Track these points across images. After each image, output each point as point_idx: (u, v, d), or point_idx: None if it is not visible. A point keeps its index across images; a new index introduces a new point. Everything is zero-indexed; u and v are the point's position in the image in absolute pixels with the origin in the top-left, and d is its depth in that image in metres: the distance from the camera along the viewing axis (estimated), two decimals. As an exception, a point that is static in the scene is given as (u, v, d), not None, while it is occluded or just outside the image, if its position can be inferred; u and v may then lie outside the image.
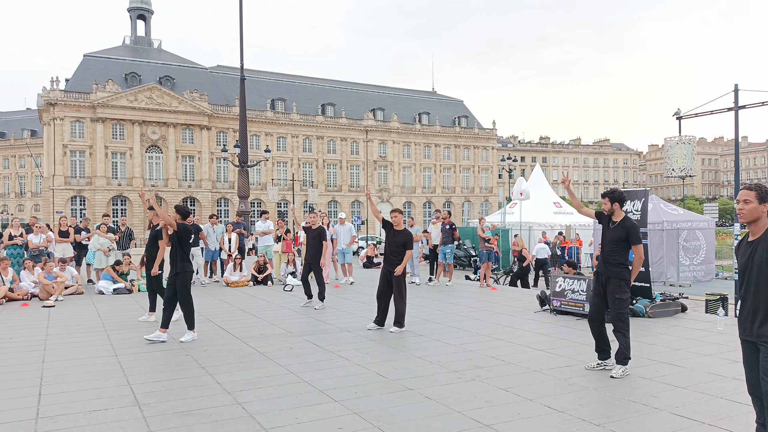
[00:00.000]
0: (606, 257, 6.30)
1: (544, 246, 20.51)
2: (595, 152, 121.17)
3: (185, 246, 8.09)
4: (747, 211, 3.56)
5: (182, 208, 8.31)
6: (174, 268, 8.03)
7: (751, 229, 3.59)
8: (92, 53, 70.99)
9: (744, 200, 3.58)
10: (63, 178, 64.14)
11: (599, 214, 6.56)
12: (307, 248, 11.30)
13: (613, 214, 6.36)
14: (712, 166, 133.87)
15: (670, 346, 7.66)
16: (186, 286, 8.03)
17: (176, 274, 7.99)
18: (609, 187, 19.61)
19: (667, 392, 5.59)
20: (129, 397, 5.41)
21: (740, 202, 3.61)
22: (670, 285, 18.91)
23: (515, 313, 10.58)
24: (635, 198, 10.78)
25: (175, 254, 8.02)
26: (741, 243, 3.69)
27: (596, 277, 6.45)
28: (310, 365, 6.59)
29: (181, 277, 7.98)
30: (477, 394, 5.50)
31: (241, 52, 25.27)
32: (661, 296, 10.52)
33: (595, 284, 6.43)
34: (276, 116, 75.63)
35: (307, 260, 11.19)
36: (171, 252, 8.09)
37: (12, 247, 13.76)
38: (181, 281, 7.99)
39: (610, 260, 6.26)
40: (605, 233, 6.36)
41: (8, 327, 9.16)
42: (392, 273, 8.77)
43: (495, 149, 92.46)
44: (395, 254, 8.78)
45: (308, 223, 11.46)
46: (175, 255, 8.02)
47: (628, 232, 6.19)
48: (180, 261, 8.01)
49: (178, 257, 8.01)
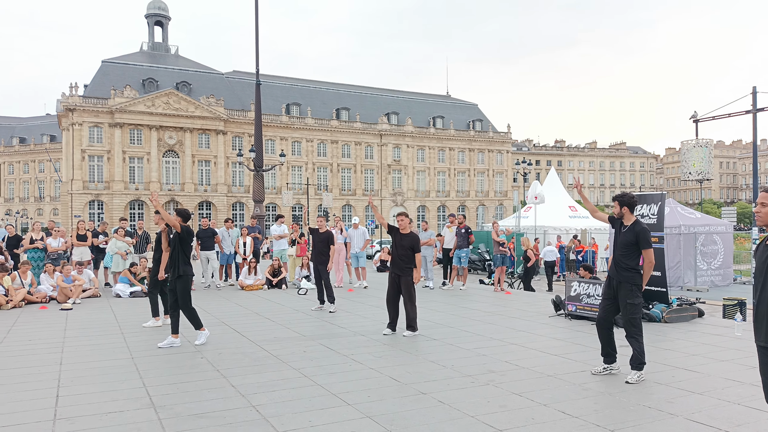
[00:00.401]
0: (617, 261, 6.26)
1: (552, 249, 20.65)
2: (611, 155, 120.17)
3: (186, 249, 8.05)
4: (764, 213, 3.51)
5: (183, 211, 8.31)
6: (175, 271, 7.96)
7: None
8: (110, 59, 71.95)
9: (761, 203, 3.54)
10: (81, 182, 65.00)
11: (612, 218, 6.52)
12: (314, 250, 11.42)
13: (624, 217, 6.32)
14: (730, 169, 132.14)
15: (686, 352, 7.57)
16: (186, 290, 7.95)
17: (177, 277, 7.94)
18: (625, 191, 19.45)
19: (683, 398, 5.53)
20: (144, 399, 5.46)
21: (758, 204, 3.56)
22: (687, 290, 18.69)
23: (529, 317, 10.52)
24: (652, 202, 10.69)
25: (177, 257, 7.96)
26: (759, 246, 3.59)
27: (608, 281, 6.41)
28: (323, 368, 6.61)
29: (182, 281, 7.92)
30: (490, 399, 5.48)
31: (256, 57, 25.46)
32: (678, 301, 10.41)
33: (607, 288, 6.40)
34: (291, 121, 76.04)
35: (315, 262, 11.31)
36: (172, 254, 8.05)
37: (33, 251, 13.97)
38: (182, 285, 7.91)
39: (622, 264, 6.21)
40: (617, 237, 6.34)
41: (27, 329, 9.29)
42: (401, 277, 8.76)
43: (510, 153, 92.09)
44: (403, 258, 8.75)
45: (318, 225, 11.57)
46: (176, 258, 7.95)
47: (638, 236, 6.15)
48: (181, 264, 7.93)
49: (179, 260, 7.94)
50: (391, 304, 8.90)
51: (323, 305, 11.34)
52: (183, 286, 7.93)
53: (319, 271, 11.24)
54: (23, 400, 5.45)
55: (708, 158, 19.93)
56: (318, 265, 11.25)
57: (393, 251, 8.91)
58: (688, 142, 20.70)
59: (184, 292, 7.93)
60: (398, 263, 8.77)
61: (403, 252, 8.75)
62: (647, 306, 10.11)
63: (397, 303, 8.89)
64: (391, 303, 8.90)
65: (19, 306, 11.68)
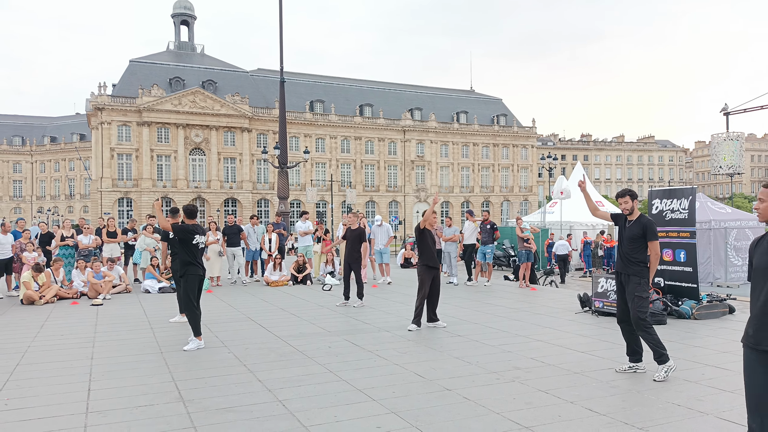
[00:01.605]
0: (625, 256, 6.21)
1: (564, 243, 20.84)
2: (639, 149, 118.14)
3: (187, 248, 7.80)
4: (762, 209, 3.36)
5: (186, 207, 8.15)
6: (180, 270, 7.87)
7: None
8: (138, 59, 73.06)
9: (761, 198, 3.39)
10: (110, 180, 66.23)
11: (615, 215, 6.50)
12: (347, 248, 11.44)
13: (632, 212, 6.30)
14: (762, 162, 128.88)
15: (716, 349, 7.43)
16: (190, 290, 7.73)
17: (181, 277, 7.87)
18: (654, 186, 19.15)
19: (713, 396, 5.43)
20: (174, 393, 5.56)
21: (758, 200, 3.43)
22: (717, 285, 18.32)
23: (555, 314, 10.43)
24: (682, 196, 10.49)
25: (182, 256, 7.84)
26: (760, 242, 3.37)
27: (616, 276, 6.36)
28: (348, 364, 6.65)
29: (185, 280, 7.78)
30: (516, 396, 5.45)
31: (281, 55, 25.61)
32: (708, 297, 10.20)
33: (618, 284, 6.34)
34: (315, 118, 76.37)
35: (347, 260, 11.32)
36: (180, 254, 7.91)
37: (63, 248, 14.29)
38: (185, 284, 7.76)
39: (630, 258, 6.17)
40: (622, 232, 6.30)
41: (59, 325, 9.52)
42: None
43: (535, 147, 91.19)
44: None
45: (346, 224, 11.62)
46: (182, 257, 7.84)
47: (646, 228, 6.11)
48: (184, 264, 7.79)
49: (183, 259, 7.83)
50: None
51: (348, 301, 11.39)
52: (186, 285, 7.77)
53: (351, 267, 11.30)
54: (57, 394, 5.59)
55: (739, 151, 19.48)
56: (350, 262, 11.28)
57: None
58: (718, 135, 20.25)
59: (186, 293, 7.76)
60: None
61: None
62: (676, 302, 9.95)
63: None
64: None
65: (51, 302, 11.97)
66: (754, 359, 3.29)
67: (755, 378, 3.29)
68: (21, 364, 6.78)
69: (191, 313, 7.70)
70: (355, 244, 11.36)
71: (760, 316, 3.26)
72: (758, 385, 3.27)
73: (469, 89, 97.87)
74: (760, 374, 3.26)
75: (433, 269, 9.12)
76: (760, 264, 3.31)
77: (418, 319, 8.88)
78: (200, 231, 8.04)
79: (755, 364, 3.29)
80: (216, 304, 11.57)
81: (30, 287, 11.87)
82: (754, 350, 3.29)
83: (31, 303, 11.69)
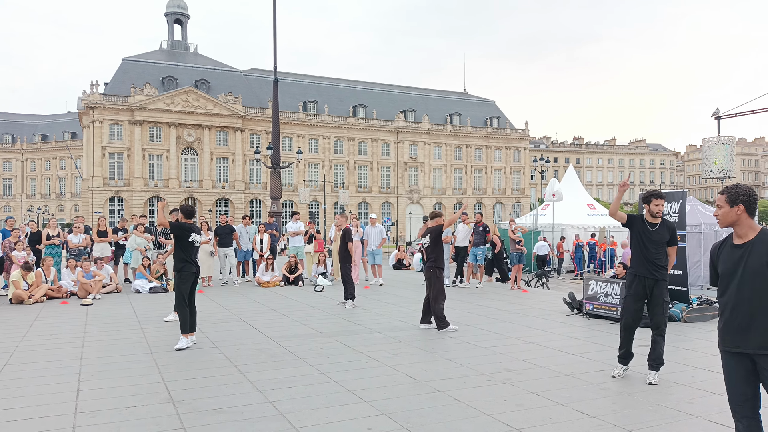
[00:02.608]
0: (652, 261, 6.07)
1: (544, 243, 21.23)
2: (630, 153, 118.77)
3: (182, 245, 7.83)
4: (720, 215, 3.45)
5: (185, 207, 8.19)
6: (175, 266, 7.91)
7: (736, 231, 3.42)
8: (130, 57, 72.74)
9: (718, 205, 3.49)
10: (102, 179, 65.86)
11: (631, 217, 6.35)
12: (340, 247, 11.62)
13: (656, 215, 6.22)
14: (753, 167, 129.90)
15: (706, 352, 7.48)
16: (181, 287, 7.77)
17: (175, 273, 7.92)
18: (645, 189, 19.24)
19: (703, 398, 5.46)
20: (163, 394, 5.53)
21: (717, 206, 3.52)
22: (707, 289, 18.43)
23: (547, 316, 10.45)
24: (673, 200, 10.55)
25: (178, 254, 7.88)
26: (722, 246, 3.47)
27: (640, 281, 6.11)
28: (339, 365, 6.64)
29: (178, 277, 7.82)
30: (507, 398, 5.46)
31: (274, 56, 25.55)
32: (698, 300, 10.27)
33: (639, 289, 6.11)
34: (308, 118, 76.30)
35: (340, 260, 11.51)
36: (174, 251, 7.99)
37: (50, 247, 14.18)
38: (178, 281, 7.81)
39: (658, 263, 6.09)
40: (644, 236, 6.11)
41: (48, 324, 9.45)
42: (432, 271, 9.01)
43: (527, 150, 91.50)
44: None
45: (339, 225, 11.70)
46: (178, 254, 7.87)
47: (672, 233, 6.17)
48: (179, 261, 7.82)
49: (178, 256, 7.86)
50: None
51: (346, 300, 11.45)
52: (178, 282, 7.83)
53: (342, 268, 11.43)
54: (45, 394, 5.54)
55: (730, 156, 19.61)
56: (341, 263, 11.47)
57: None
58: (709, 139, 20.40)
59: (177, 289, 7.84)
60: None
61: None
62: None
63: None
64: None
65: (41, 301, 11.88)
66: (730, 361, 3.39)
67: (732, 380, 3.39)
68: (9, 364, 6.72)
69: (181, 310, 7.74)
70: (342, 245, 11.46)
71: (731, 320, 3.36)
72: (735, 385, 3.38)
73: (462, 91, 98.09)
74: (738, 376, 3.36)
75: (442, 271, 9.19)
76: (726, 269, 3.40)
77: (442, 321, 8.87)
78: (196, 230, 8.12)
79: (731, 367, 3.39)
80: (207, 305, 11.52)
81: (19, 286, 11.78)
82: (730, 354, 3.37)
83: (20, 302, 11.60)
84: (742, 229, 3.38)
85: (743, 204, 3.37)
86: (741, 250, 3.34)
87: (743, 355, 3.31)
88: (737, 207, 3.38)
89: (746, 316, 3.28)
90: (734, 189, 3.42)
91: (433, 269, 9.04)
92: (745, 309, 3.28)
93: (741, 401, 3.35)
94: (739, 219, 3.39)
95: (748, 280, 3.28)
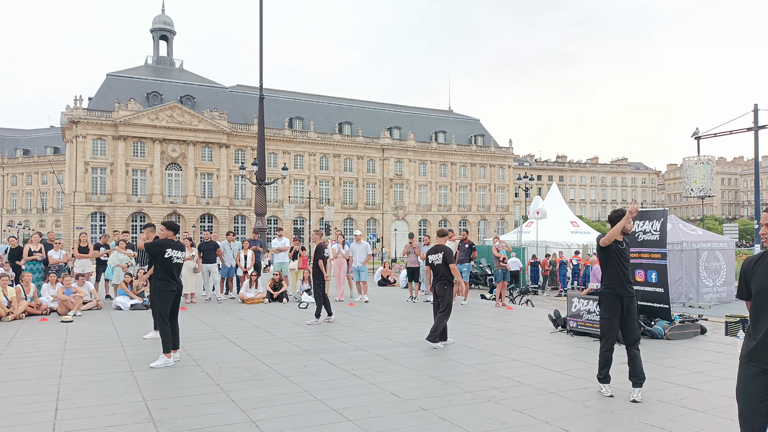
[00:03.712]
0: (628, 277, 6.22)
1: (516, 260, 22.09)
2: (612, 171, 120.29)
3: (159, 262, 7.67)
4: (765, 233, 3.48)
5: (168, 223, 8.04)
6: (153, 285, 7.80)
7: None
8: (115, 72, 72.45)
9: (766, 224, 3.51)
10: (84, 194, 65.16)
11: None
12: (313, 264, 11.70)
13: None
14: (732, 186, 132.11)
15: (689, 369, 7.53)
16: (160, 306, 7.62)
17: (152, 292, 7.81)
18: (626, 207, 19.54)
19: (686, 416, 5.49)
20: (144, 414, 5.44)
21: (763, 226, 3.53)
22: (689, 306, 18.62)
23: (531, 333, 10.48)
24: (654, 218, 10.68)
25: (155, 272, 7.76)
26: (758, 262, 3.46)
27: (617, 300, 6.16)
28: (323, 383, 6.58)
29: (156, 297, 7.69)
30: (492, 416, 5.45)
31: (260, 72, 25.64)
32: (680, 318, 10.36)
33: (617, 307, 6.16)
34: (294, 134, 76.39)
35: (312, 276, 11.57)
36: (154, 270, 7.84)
37: (31, 263, 13.98)
38: (156, 300, 7.68)
39: (630, 279, 6.27)
40: (620, 255, 6.20)
41: (27, 341, 9.27)
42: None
43: (511, 168, 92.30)
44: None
45: (313, 240, 11.81)
46: (155, 273, 7.76)
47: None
48: (156, 279, 7.70)
49: (156, 275, 7.75)
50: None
51: (319, 319, 11.36)
52: (156, 301, 7.69)
53: (314, 284, 11.44)
54: (23, 413, 5.42)
55: (710, 175, 19.95)
56: (313, 279, 11.51)
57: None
58: (689, 158, 20.75)
59: (155, 308, 7.73)
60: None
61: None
62: (649, 323, 10.07)
63: None
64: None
65: (20, 318, 11.67)
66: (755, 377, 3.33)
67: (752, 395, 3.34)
68: (-15, 383, 6.57)
69: (162, 329, 7.60)
70: (315, 261, 11.42)
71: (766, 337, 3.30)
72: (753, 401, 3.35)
73: (447, 109, 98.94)
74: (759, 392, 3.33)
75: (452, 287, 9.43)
76: (761, 286, 3.37)
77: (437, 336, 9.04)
78: (175, 246, 7.86)
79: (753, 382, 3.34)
80: (190, 322, 11.39)
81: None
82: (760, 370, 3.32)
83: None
84: None
85: None
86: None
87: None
88: None
89: None
90: None
91: (446, 286, 9.20)
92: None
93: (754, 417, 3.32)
94: None
95: None
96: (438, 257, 9.23)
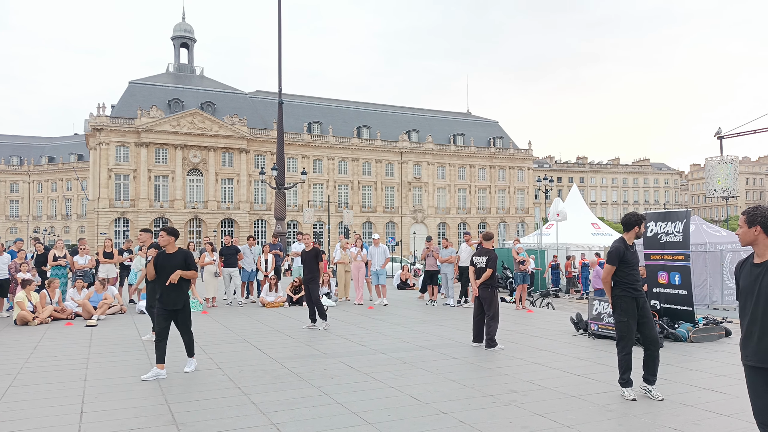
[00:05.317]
0: (639, 279, 6.40)
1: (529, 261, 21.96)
2: (634, 172, 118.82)
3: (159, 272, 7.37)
4: (740, 235, 3.61)
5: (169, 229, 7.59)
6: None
7: (755, 251, 3.56)
8: (137, 80, 73.63)
9: (739, 225, 3.64)
10: (107, 200, 66.22)
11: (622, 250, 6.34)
12: (303, 268, 11.53)
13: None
14: (757, 185, 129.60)
15: (713, 372, 7.41)
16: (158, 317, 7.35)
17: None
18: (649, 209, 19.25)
19: (710, 420, 5.41)
20: (167, 416, 5.51)
21: (738, 226, 3.67)
22: (713, 308, 18.31)
23: (552, 336, 10.40)
24: (677, 219, 10.54)
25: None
26: (744, 264, 3.63)
27: (633, 302, 6.25)
28: (343, 387, 6.61)
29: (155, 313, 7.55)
30: (512, 420, 5.42)
31: (279, 78, 25.86)
32: (704, 320, 10.20)
33: (634, 309, 6.26)
34: (312, 139, 76.81)
35: (305, 281, 11.39)
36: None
37: (56, 268, 14.24)
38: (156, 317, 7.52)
39: (641, 281, 6.44)
40: (632, 258, 6.33)
41: (53, 345, 9.45)
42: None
43: (531, 170, 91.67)
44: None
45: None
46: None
47: None
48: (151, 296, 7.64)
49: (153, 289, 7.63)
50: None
51: (314, 324, 11.34)
52: (156, 317, 7.51)
53: (309, 288, 11.29)
54: (49, 416, 5.54)
55: (733, 175, 19.58)
56: (308, 283, 11.30)
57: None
58: (712, 158, 20.40)
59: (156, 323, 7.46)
60: None
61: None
62: (673, 325, 9.94)
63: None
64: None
65: (46, 322, 11.89)
66: (751, 374, 3.51)
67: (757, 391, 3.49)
68: (13, 386, 6.72)
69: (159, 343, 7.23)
70: (311, 264, 11.37)
71: (747, 336, 3.50)
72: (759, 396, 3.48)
73: (465, 111, 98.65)
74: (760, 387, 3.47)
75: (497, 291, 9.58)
76: (745, 286, 3.54)
77: (493, 341, 9.16)
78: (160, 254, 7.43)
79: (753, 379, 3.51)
80: (211, 326, 11.51)
81: (24, 307, 11.80)
82: (750, 367, 3.51)
83: (25, 324, 11.61)
84: (760, 249, 3.52)
85: (760, 225, 3.50)
86: (759, 269, 3.49)
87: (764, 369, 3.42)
88: (755, 228, 3.52)
89: (762, 332, 3.40)
90: (753, 211, 3.57)
91: (490, 289, 9.24)
92: (758, 326, 3.42)
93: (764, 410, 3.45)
94: (757, 239, 3.53)
95: (763, 300, 3.40)
96: (482, 260, 9.34)
